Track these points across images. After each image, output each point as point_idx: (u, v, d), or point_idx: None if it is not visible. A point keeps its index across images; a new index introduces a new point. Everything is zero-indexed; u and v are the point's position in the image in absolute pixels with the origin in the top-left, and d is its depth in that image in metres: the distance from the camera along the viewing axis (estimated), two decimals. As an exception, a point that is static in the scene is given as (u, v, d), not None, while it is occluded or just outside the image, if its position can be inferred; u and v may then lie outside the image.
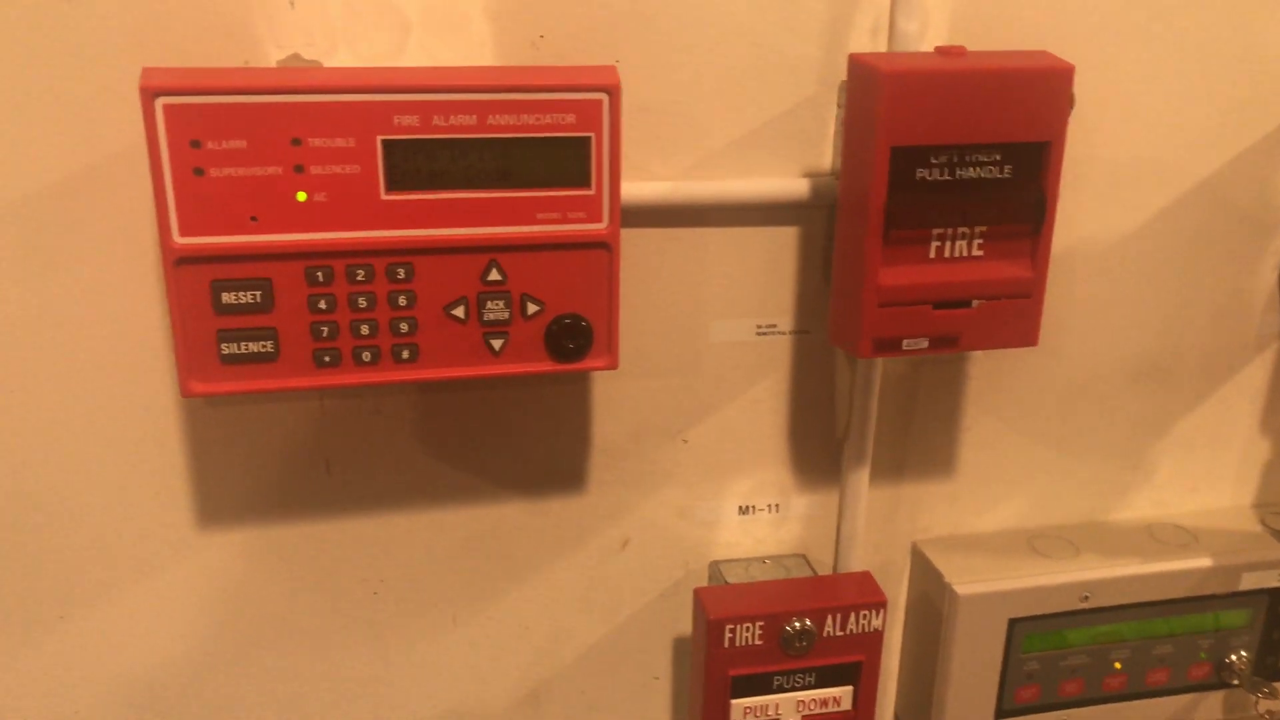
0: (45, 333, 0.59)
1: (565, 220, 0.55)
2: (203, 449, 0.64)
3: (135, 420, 0.62)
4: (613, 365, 0.58)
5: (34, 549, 0.64)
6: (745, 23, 0.63)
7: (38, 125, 0.55)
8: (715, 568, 0.74)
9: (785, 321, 0.70)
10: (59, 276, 0.58)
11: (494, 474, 0.70)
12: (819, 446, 0.73)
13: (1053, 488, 0.79)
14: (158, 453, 0.64)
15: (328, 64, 0.59)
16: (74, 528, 0.64)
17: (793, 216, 0.68)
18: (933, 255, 0.60)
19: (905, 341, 0.60)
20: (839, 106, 0.66)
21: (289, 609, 0.69)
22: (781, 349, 0.71)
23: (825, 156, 0.67)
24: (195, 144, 0.50)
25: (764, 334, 0.70)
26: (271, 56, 0.58)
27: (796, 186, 0.65)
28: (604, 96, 0.53)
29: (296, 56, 0.58)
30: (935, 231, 0.59)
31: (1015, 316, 0.61)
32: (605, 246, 0.56)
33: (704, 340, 0.69)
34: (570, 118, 0.53)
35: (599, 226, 0.56)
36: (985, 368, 0.74)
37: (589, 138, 0.54)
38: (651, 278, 0.66)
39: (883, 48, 0.65)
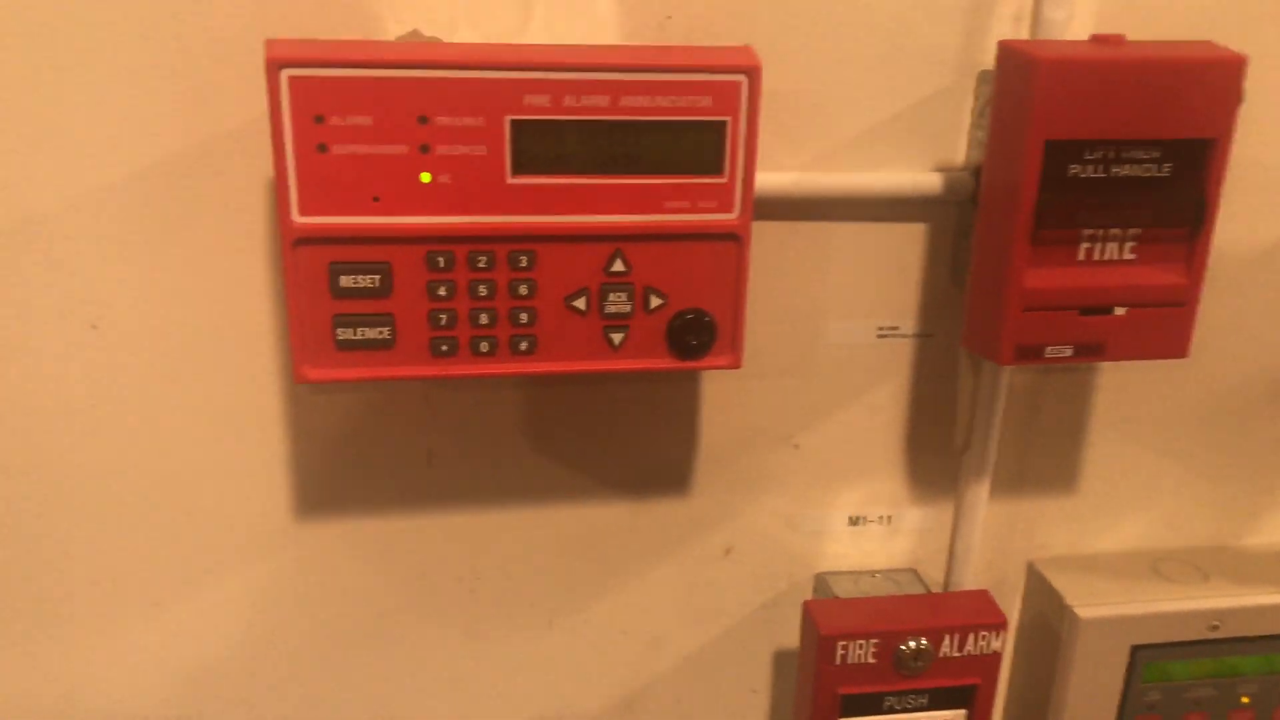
0: (151, 311, 0.58)
1: (695, 209, 0.52)
2: (304, 436, 0.62)
3: (238, 404, 0.61)
4: (736, 364, 0.56)
5: (128, 530, 0.62)
6: (883, 6, 0.60)
7: (154, 97, 0.54)
8: (822, 580, 0.71)
9: (908, 324, 0.67)
10: (168, 254, 0.57)
11: (597, 472, 0.67)
12: (936, 457, 0.70)
13: (1181, 508, 0.74)
14: (259, 438, 0.62)
15: (448, 40, 0.56)
16: (172, 511, 0.62)
17: (922, 212, 0.64)
18: (1081, 257, 0.56)
19: (1048, 349, 0.56)
20: (976, 98, 0.62)
21: (383, 604, 0.67)
22: (902, 353, 0.67)
23: (959, 150, 0.63)
24: (319, 119, 0.48)
25: (885, 336, 0.67)
26: (390, 32, 0.56)
27: (928, 181, 0.62)
28: (743, 79, 0.50)
29: (416, 33, 0.56)
30: (1085, 232, 0.55)
31: (1165, 325, 0.57)
32: (735, 238, 0.53)
33: (821, 340, 0.66)
34: (706, 100, 0.50)
35: (730, 217, 0.53)
36: (1115, 378, 0.70)
37: (725, 122, 0.51)
38: (770, 273, 0.63)
39: (1026, 34, 0.61)
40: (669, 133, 0.51)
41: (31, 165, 0.54)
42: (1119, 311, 0.56)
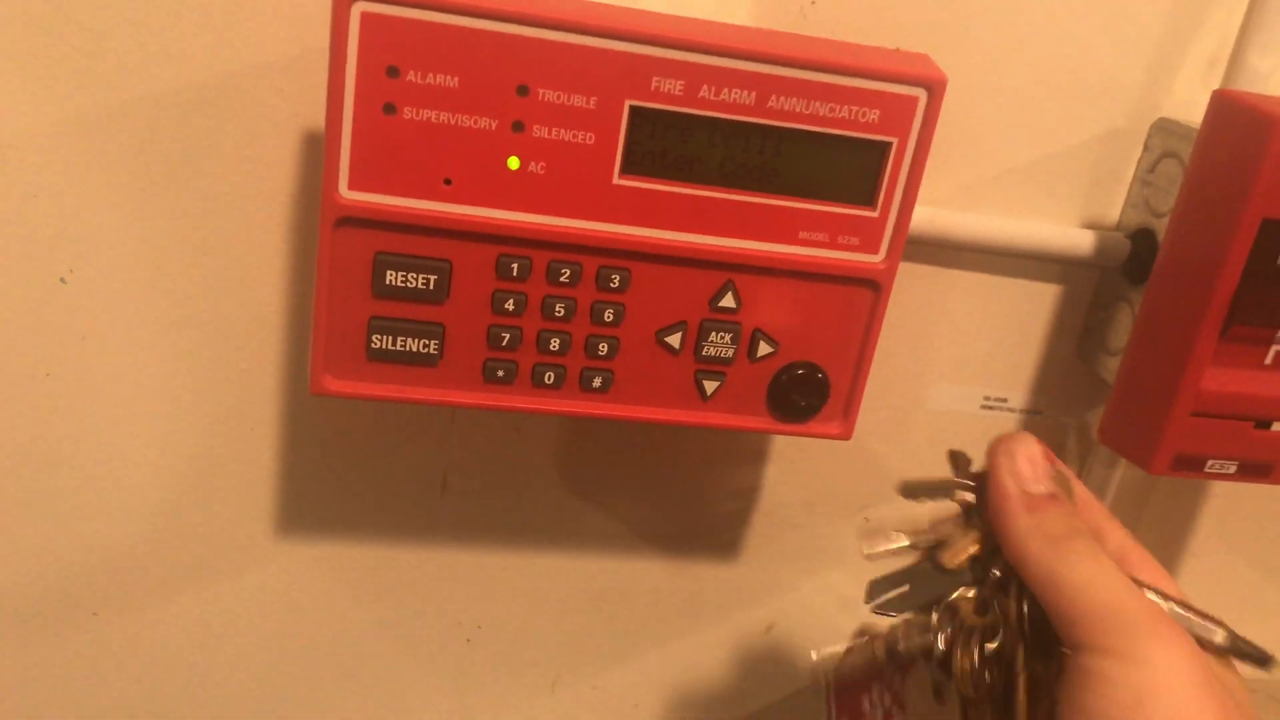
0: (135, 267, 0.47)
1: (833, 244, 0.42)
2: (299, 440, 0.51)
3: (226, 393, 0.50)
4: (845, 435, 0.46)
5: (82, 521, 0.51)
6: (1062, 29, 0.50)
7: (171, 5, 0.42)
8: (869, 670, 0.61)
9: (1017, 396, 0.57)
10: (163, 202, 0.46)
11: (634, 520, 0.57)
12: (1021, 549, 0.60)
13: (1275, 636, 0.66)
14: (245, 436, 0.51)
15: (547, -6, 0.45)
16: (132, 506, 0.51)
17: (1058, 273, 0.55)
18: (1269, 361, 0.47)
19: (1211, 462, 0.47)
20: (1146, 149, 0.53)
21: (365, 644, 0.57)
22: (1005, 429, 0.58)
23: (1114, 207, 0.54)
24: (393, 72, 0.37)
25: (990, 408, 0.57)
26: (479, -28, 0.45)
27: (1078, 239, 0.52)
28: (922, 94, 0.40)
29: (510, -22, 0.45)
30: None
31: (1343, 450, 0.48)
32: (875, 286, 0.43)
33: (919, 405, 0.56)
34: (873, 115, 0.40)
35: (874, 259, 0.43)
36: (1230, 487, 0.61)
37: (889, 144, 0.41)
38: (874, 320, 0.53)
39: (1218, 82, 0.51)
40: (820, 148, 0.41)
41: (8, 74, 0.42)
42: (1301, 429, 0.47)
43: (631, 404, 0.44)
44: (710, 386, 0.44)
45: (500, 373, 0.42)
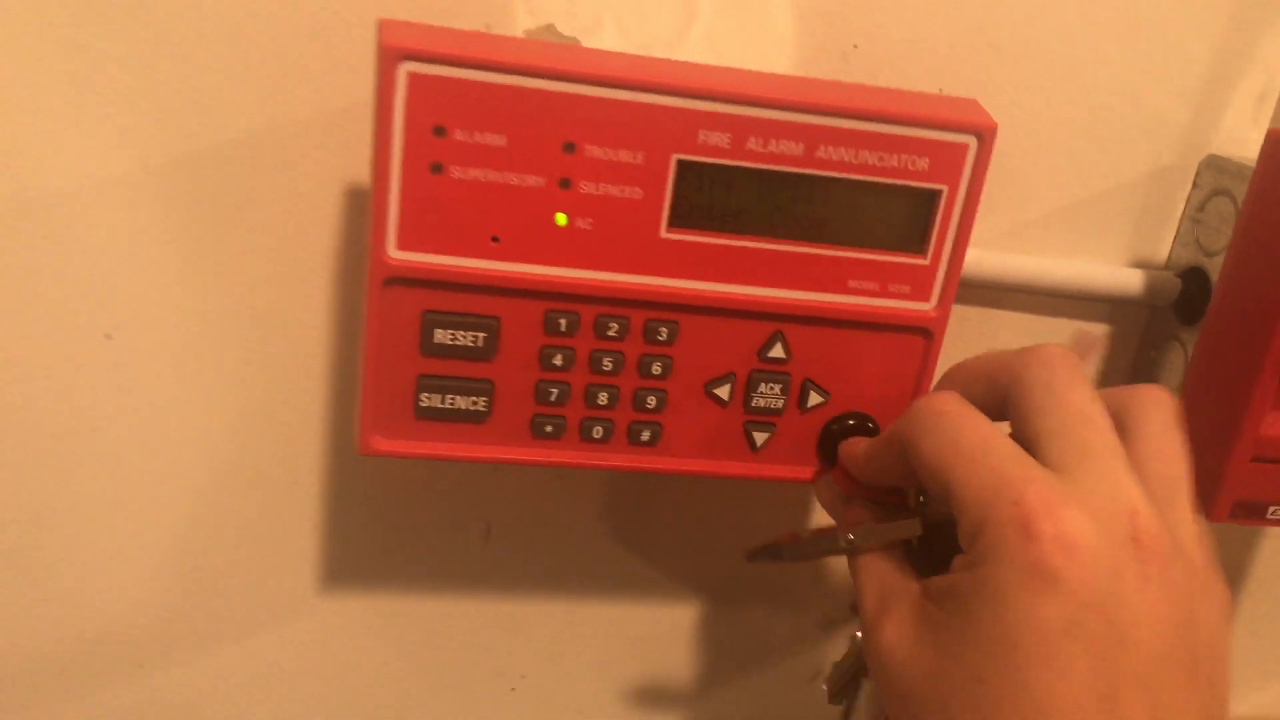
0: (179, 324, 0.46)
1: (883, 293, 0.42)
2: (343, 494, 0.51)
3: (270, 448, 0.50)
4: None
5: (134, 580, 0.51)
6: (1106, 64, 0.49)
7: (217, 63, 0.43)
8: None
9: (1067, 437, 0.56)
10: (207, 259, 0.46)
11: (680, 567, 0.56)
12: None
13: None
14: (289, 491, 0.51)
15: (587, 43, 0.45)
16: (179, 562, 0.51)
17: (1105, 312, 0.54)
18: (1331, 404, 0.46)
19: (1272, 509, 0.46)
20: (1195, 186, 0.52)
21: (409, 694, 0.57)
22: (1055, 470, 0.57)
23: (1164, 246, 0.53)
24: (440, 131, 0.37)
25: (1039, 449, 0.56)
26: (521, 24, 0.45)
27: (1127, 278, 0.51)
28: (972, 141, 0.40)
29: (551, 29, 0.45)
30: (1343, 375, 0.45)
31: (1407, 493, 0.47)
32: (926, 334, 0.43)
33: (967, 447, 0.55)
34: (923, 163, 0.40)
35: (925, 307, 0.42)
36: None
37: (939, 191, 0.40)
38: (920, 363, 0.53)
39: (1268, 118, 0.51)
40: (869, 196, 0.40)
41: (54, 131, 0.43)
42: (1363, 473, 0.46)
43: (680, 457, 0.44)
44: (760, 438, 0.44)
45: (549, 428, 0.42)
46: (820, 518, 0.56)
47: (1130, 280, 0.52)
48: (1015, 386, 0.35)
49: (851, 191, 0.40)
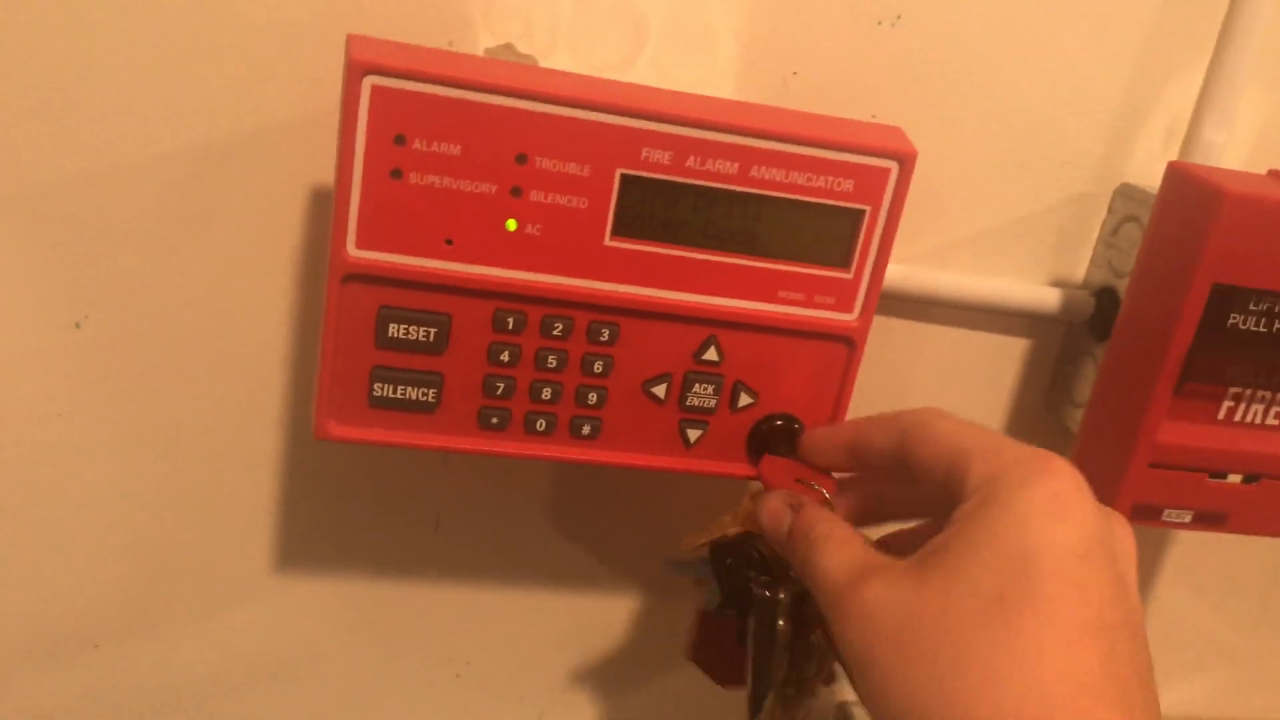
0: (146, 314, 0.49)
1: (810, 304, 0.45)
2: (300, 481, 0.54)
3: (231, 436, 0.52)
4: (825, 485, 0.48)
5: (88, 570, 0.53)
6: (1027, 99, 0.53)
7: (198, 69, 0.45)
8: (844, 710, 0.64)
9: (988, 446, 0.59)
10: (177, 253, 0.48)
11: (624, 560, 0.59)
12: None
13: (1238, 678, 0.68)
14: (248, 477, 0.53)
15: (544, 62, 0.48)
16: (139, 542, 0.53)
17: (1026, 328, 0.58)
18: (1222, 416, 0.49)
19: (1168, 511, 0.50)
20: (1110, 212, 0.56)
21: (357, 678, 0.59)
22: (976, 476, 0.60)
23: (1080, 267, 0.57)
24: (400, 140, 0.40)
25: (962, 456, 0.59)
26: (481, 42, 0.48)
27: (1045, 296, 0.55)
28: (894, 166, 0.43)
29: (509, 47, 0.48)
30: (1232, 390, 0.49)
31: (1295, 501, 0.51)
32: (848, 343, 0.46)
33: (894, 452, 0.59)
34: (848, 184, 0.43)
35: (848, 318, 0.46)
36: (1193, 535, 0.64)
37: (863, 211, 0.44)
38: (850, 371, 0.56)
39: (1175, 154, 0.55)
40: (798, 214, 0.43)
41: (30, 129, 0.45)
42: (1252, 481, 0.50)
43: (619, 450, 0.47)
44: (693, 435, 0.47)
45: (494, 420, 0.45)
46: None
47: (1048, 298, 0.55)
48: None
49: (782, 209, 0.43)
